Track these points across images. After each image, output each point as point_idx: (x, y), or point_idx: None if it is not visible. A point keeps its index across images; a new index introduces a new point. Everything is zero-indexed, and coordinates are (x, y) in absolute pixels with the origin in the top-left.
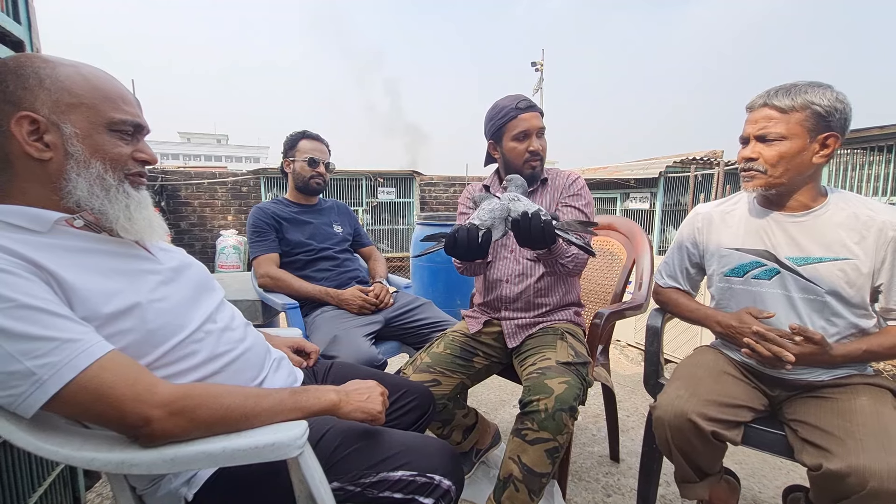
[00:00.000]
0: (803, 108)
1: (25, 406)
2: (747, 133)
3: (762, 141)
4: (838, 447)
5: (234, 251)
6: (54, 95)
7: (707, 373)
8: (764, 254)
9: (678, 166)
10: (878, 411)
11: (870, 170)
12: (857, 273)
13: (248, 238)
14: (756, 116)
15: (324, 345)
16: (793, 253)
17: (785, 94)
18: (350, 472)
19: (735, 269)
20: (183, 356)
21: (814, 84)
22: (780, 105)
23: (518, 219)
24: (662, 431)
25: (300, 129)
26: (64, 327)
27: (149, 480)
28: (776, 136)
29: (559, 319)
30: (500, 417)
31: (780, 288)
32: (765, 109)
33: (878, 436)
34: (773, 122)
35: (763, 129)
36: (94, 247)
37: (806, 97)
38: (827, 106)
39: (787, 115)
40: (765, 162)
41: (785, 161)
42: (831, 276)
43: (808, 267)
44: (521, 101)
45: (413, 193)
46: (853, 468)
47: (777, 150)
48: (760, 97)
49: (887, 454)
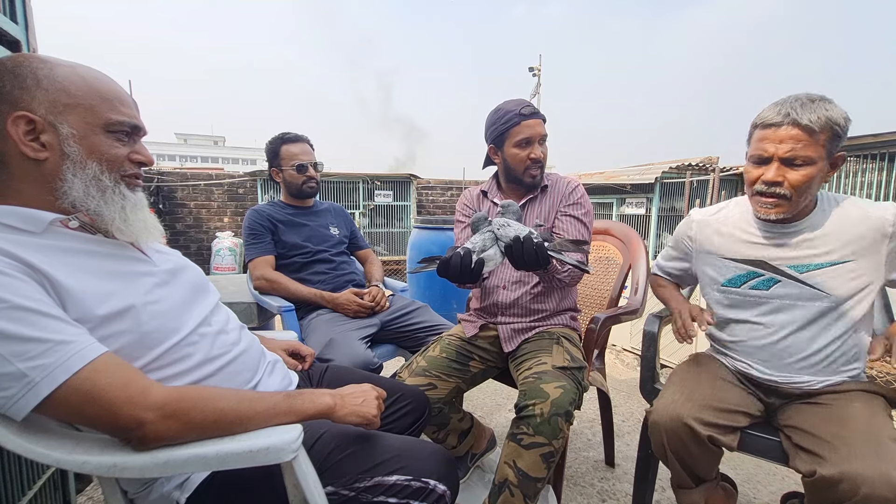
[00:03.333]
0: (828, 128)
1: (17, 408)
2: (770, 153)
3: (788, 164)
4: (831, 453)
5: (230, 253)
6: (51, 96)
7: (703, 378)
8: (760, 264)
9: (674, 172)
10: (871, 417)
11: (863, 177)
12: (859, 272)
13: (243, 240)
14: (782, 136)
15: (319, 348)
16: (793, 261)
17: (809, 110)
18: (345, 476)
19: (731, 279)
20: (177, 359)
21: (825, 98)
22: (809, 124)
23: (511, 244)
24: (658, 436)
25: (278, 134)
26: (57, 329)
27: (141, 484)
28: (805, 160)
29: (555, 324)
30: (495, 422)
31: (781, 297)
32: (792, 129)
33: (871, 442)
34: (801, 145)
35: (792, 152)
36: (88, 248)
37: (827, 114)
38: (843, 125)
39: (815, 137)
40: (790, 186)
41: (808, 185)
42: (833, 281)
43: (809, 274)
44: (525, 107)
45: (410, 197)
46: (845, 474)
47: (804, 174)
48: (782, 114)
49: (879, 460)
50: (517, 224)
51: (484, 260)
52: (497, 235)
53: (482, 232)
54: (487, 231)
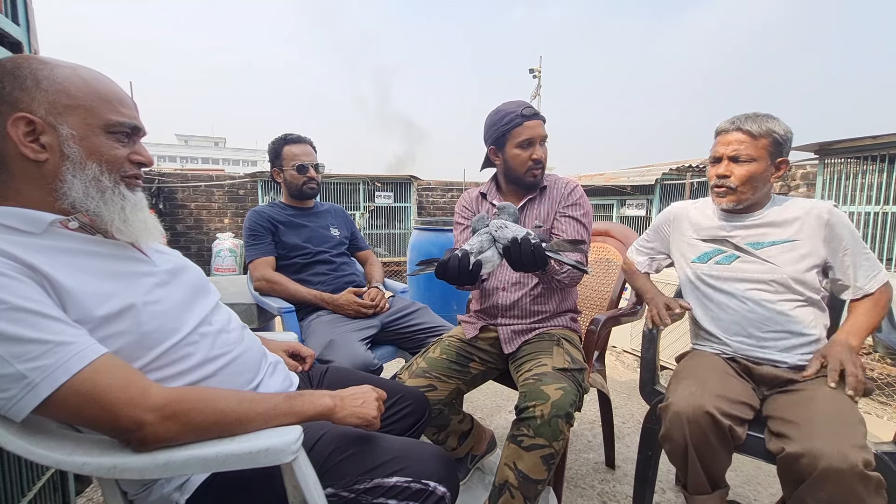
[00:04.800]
0: (768, 135)
1: (16, 409)
2: (720, 153)
3: (734, 161)
4: (796, 432)
5: (231, 254)
6: (51, 97)
7: (711, 371)
8: (724, 242)
9: (674, 173)
10: (837, 398)
11: (863, 179)
12: (804, 251)
13: (244, 241)
14: (728, 139)
15: (319, 349)
16: (750, 240)
17: (752, 121)
18: (344, 477)
19: (700, 256)
20: (178, 359)
21: (770, 115)
22: (751, 130)
23: (508, 245)
24: (680, 428)
25: (280, 135)
26: (57, 330)
27: (140, 485)
28: (747, 158)
29: (555, 325)
30: (495, 423)
31: (740, 270)
32: (738, 133)
33: (832, 422)
34: (744, 146)
35: (736, 151)
36: (88, 248)
37: (768, 125)
38: (783, 135)
39: (756, 140)
40: (736, 179)
41: (752, 179)
42: (783, 256)
43: (763, 250)
44: (526, 109)
45: (410, 198)
46: (807, 450)
47: (747, 169)
48: (732, 123)
49: (837, 437)
50: (515, 226)
51: (482, 262)
52: (494, 237)
53: (480, 234)
54: (485, 233)
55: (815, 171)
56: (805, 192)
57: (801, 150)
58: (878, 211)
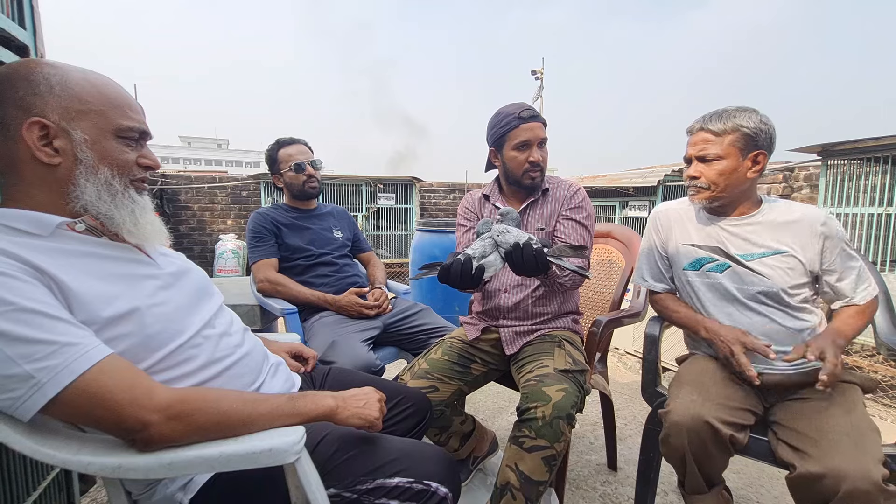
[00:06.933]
0: (734, 131)
1: (23, 409)
2: (689, 154)
3: (702, 161)
4: (812, 448)
5: (233, 256)
6: (64, 102)
7: (712, 378)
8: (716, 250)
9: (677, 175)
10: (850, 409)
11: (866, 180)
12: (796, 262)
13: (247, 243)
14: (695, 139)
15: (322, 350)
16: (741, 250)
17: (717, 118)
18: (346, 478)
19: (693, 262)
20: (181, 361)
21: (741, 108)
22: (713, 129)
23: (510, 250)
24: (679, 437)
25: (273, 141)
26: (63, 331)
27: (144, 485)
28: (714, 156)
29: (557, 327)
30: (497, 425)
31: (731, 280)
32: (701, 133)
33: (850, 435)
34: (709, 144)
35: (702, 151)
36: (94, 251)
37: (735, 121)
38: (753, 128)
39: (720, 138)
40: (706, 179)
41: (724, 177)
42: (775, 268)
43: (754, 262)
44: (524, 111)
45: (413, 199)
46: (828, 470)
47: (716, 168)
48: (697, 122)
49: (857, 453)
50: (516, 230)
51: (484, 266)
52: (497, 242)
53: (482, 238)
54: (487, 237)
55: (818, 173)
56: (808, 194)
57: (804, 152)
58: (882, 213)
